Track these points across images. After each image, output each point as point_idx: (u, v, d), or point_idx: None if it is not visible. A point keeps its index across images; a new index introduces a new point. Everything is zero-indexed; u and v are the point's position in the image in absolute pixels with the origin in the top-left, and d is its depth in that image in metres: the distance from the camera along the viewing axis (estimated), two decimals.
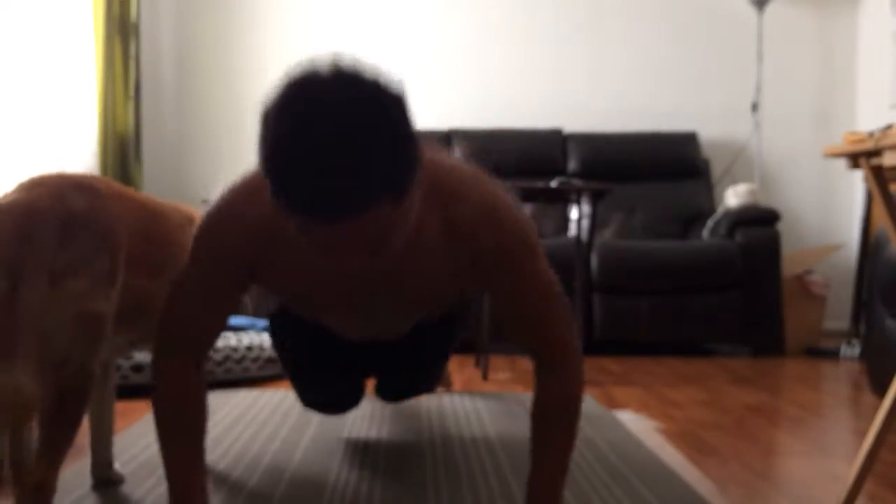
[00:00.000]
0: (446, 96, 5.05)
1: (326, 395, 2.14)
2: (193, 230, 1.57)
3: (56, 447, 1.37)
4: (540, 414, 1.43)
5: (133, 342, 1.66)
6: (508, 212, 1.33)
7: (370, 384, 3.15)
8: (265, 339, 3.35)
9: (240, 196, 1.32)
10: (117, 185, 1.53)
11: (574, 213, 4.54)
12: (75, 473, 1.94)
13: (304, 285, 1.37)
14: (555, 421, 1.43)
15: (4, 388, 1.24)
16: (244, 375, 3.22)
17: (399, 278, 1.36)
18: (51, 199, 1.36)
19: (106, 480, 1.82)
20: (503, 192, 1.36)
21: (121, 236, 1.43)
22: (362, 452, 2.18)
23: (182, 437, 1.39)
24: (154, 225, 1.57)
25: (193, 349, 1.40)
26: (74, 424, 1.39)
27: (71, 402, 1.38)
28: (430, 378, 2.23)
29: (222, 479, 1.92)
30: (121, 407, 2.71)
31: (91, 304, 1.35)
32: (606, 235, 4.60)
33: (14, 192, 1.39)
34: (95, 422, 1.81)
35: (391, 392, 2.25)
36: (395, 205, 1.06)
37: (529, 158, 4.77)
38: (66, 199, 1.37)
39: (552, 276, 1.39)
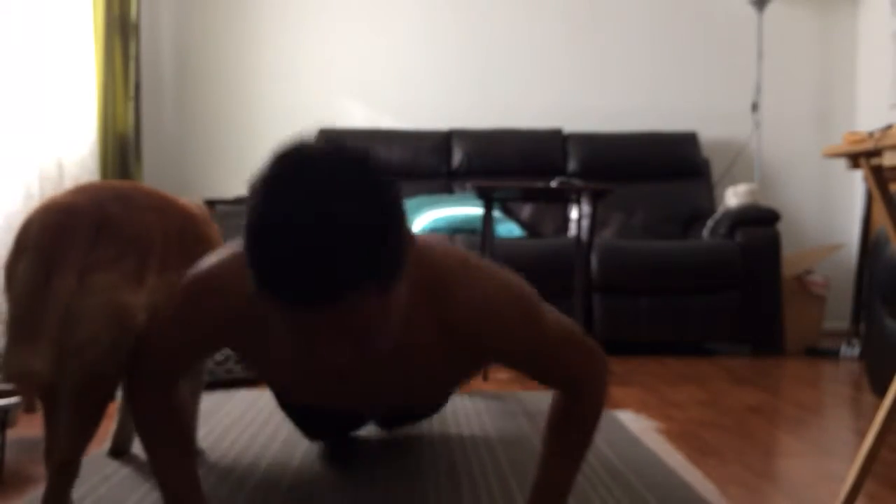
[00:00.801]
0: (446, 96, 5.05)
1: (325, 436, 2.18)
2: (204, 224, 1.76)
3: (82, 429, 1.48)
4: (556, 427, 1.42)
5: None
6: (505, 297, 1.26)
7: None
8: None
9: (227, 268, 1.28)
10: (157, 195, 1.66)
11: (574, 213, 4.54)
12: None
13: (283, 372, 1.33)
14: (572, 435, 1.42)
15: (20, 368, 1.35)
16: (244, 375, 3.22)
17: (390, 375, 1.31)
18: (90, 203, 1.51)
19: (123, 451, 2.07)
20: (489, 270, 1.29)
21: (150, 242, 1.55)
22: (362, 452, 2.18)
23: (166, 447, 1.40)
24: (189, 226, 1.70)
25: (167, 379, 1.40)
26: (100, 407, 1.49)
27: (98, 386, 1.47)
28: (432, 413, 2.27)
29: (222, 480, 1.91)
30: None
31: (118, 295, 1.47)
32: (606, 235, 4.60)
33: (62, 194, 1.54)
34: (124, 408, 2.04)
35: (390, 426, 2.29)
36: (380, 294, 1.01)
37: (529, 158, 4.76)
38: (104, 206, 1.52)
39: (558, 321, 1.35)
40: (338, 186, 0.98)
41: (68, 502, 1.52)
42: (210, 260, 1.31)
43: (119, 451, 2.08)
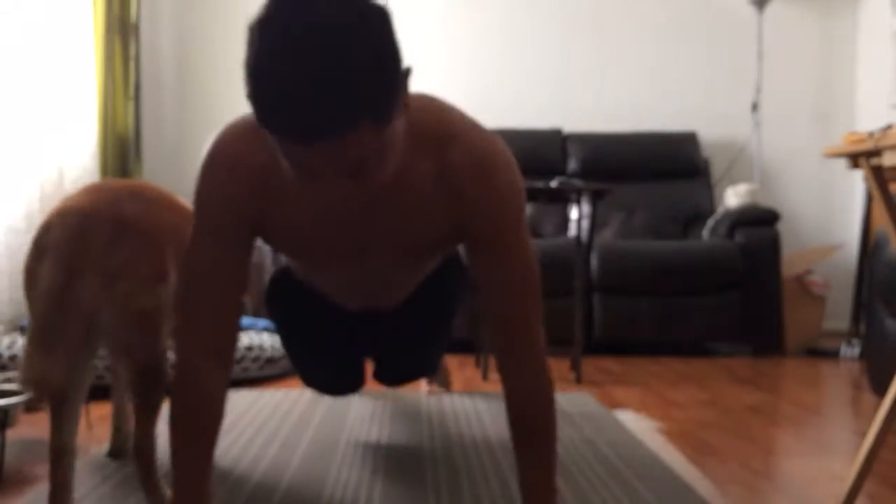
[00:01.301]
0: (446, 96, 5.05)
1: (327, 372, 2.11)
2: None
3: (145, 416, 1.61)
4: (516, 417, 1.39)
5: None
6: (502, 165, 1.31)
7: (369, 371, 3.16)
8: (265, 339, 3.35)
9: (232, 141, 1.31)
10: (166, 192, 1.71)
11: (574, 213, 4.54)
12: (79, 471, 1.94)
13: (299, 228, 1.35)
14: (532, 421, 1.38)
15: (37, 375, 1.40)
16: (244, 375, 3.22)
17: (389, 218, 1.33)
18: (106, 204, 1.53)
19: (122, 452, 2.08)
20: (500, 143, 1.34)
21: (166, 237, 1.59)
22: (362, 453, 2.18)
23: (195, 439, 1.34)
24: (189, 224, 1.74)
25: (216, 329, 1.34)
26: (157, 396, 1.61)
27: (149, 379, 1.60)
28: (427, 358, 2.17)
29: (222, 480, 1.92)
30: None
31: (138, 302, 1.52)
32: (606, 235, 4.60)
33: (77, 195, 1.57)
34: (117, 401, 2.06)
35: (390, 373, 2.21)
36: (377, 128, 1.04)
37: (529, 158, 4.76)
38: (120, 205, 1.54)
39: (532, 257, 1.36)
40: (333, 24, 1.01)
41: (70, 489, 1.57)
42: (217, 135, 1.33)
43: (118, 452, 2.10)
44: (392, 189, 1.29)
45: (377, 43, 1.03)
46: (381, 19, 1.05)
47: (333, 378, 2.15)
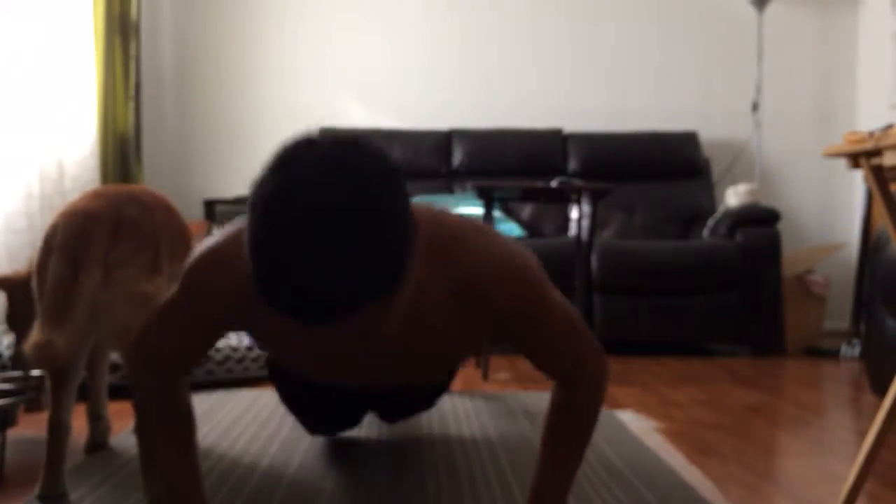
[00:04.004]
0: (446, 96, 5.05)
1: (326, 428, 2.17)
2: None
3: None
4: (555, 424, 1.42)
5: None
6: (514, 262, 1.28)
7: None
8: None
9: (231, 247, 1.27)
10: (161, 196, 1.88)
11: (574, 213, 4.54)
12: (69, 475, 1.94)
13: (292, 348, 1.32)
14: (570, 433, 1.42)
15: (42, 341, 1.58)
16: (244, 375, 3.22)
17: (404, 345, 1.31)
18: (108, 207, 1.73)
19: (101, 445, 2.17)
20: (503, 239, 1.32)
21: (161, 237, 1.77)
22: (362, 453, 2.18)
23: (169, 441, 1.38)
24: (180, 225, 1.89)
25: (171, 371, 1.38)
26: None
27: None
28: (428, 404, 2.26)
29: (222, 480, 1.92)
30: (120, 407, 2.71)
31: (137, 286, 1.70)
32: (606, 235, 4.59)
33: (81, 199, 1.77)
34: (94, 391, 2.16)
35: (391, 417, 2.28)
36: (384, 302, 1.00)
37: (529, 158, 4.76)
38: (120, 208, 1.74)
39: (564, 305, 1.36)
40: (337, 204, 0.95)
41: (64, 460, 1.75)
42: (214, 239, 1.30)
43: (96, 444, 2.17)
44: (404, 320, 1.26)
45: (386, 221, 0.97)
46: (391, 190, 0.99)
47: (334, 429, 2.21)
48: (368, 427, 2.46)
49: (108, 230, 1.70)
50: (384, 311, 1.02)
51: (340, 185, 0.96)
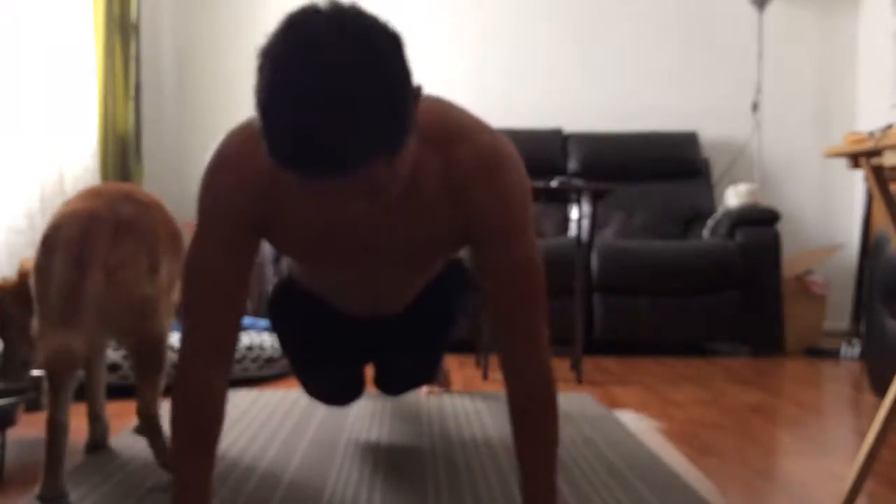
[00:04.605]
0: (447, 96, 5.04)
1: (328, 382, 2.12)
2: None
3: (149, 386, 1.86)
4: (517, 406, 1.38)
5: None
6: (508, 165, 1.31)
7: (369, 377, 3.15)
8: (265, 339, 3.35)
9: (237, 145, 1.30)
10: (153, 196, 1.92)
11: (574, 213, 4.54)
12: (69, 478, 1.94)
13: (304, 232, 1.34)
14: (534, 411, 1.38)
15: (60, 345, 1.64)
16: (244, 375, 3.22)
17: (395, 217, 1.33)
18: (106, 207, 1.75)
19: (101, 446, 2.17)
20: (506, 143, 1.33)
21: (158, 235, 1.81)
22: (362, 453, 2.18)
23: (197, 440, 1.35)
24: (172, 223, 1.94)
25: (219, 333, 1.35)
26: (158, 372, 1.87)
27: (150, 358, 1.86)
28: (428, 365, 2.20)
29: (222, 480, 1.92)
30: (120, 407, 2.71)
31: (138, 290, 1.75)
32: (606, 235, 4.59)
33: (76, 200, 1.79)
34: (91, 392, 2.16)
35: (391, 381, 2.23)
36: (388, 160, 1.05)
37: (529, 158, 4.69)
38: (118, 208, 1.76)
39: (536, 256, 1.36)
40: (343, 61, 1.00)
41: (63, 460, 1.75)
42: (223, 140, 1.32)
43: (96, 446, 2.16)
44: (403, 192, 1.28)
45: (388, 76, 1.03)
46: (392, 49, 1.05)
47: (335, 387, 2.16)
48: (369, 427, 2.46)
49: (109, 230, 1.73)
50: (390, 172, 1.06)
51: (346, 41, 1.02)
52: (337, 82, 1.00)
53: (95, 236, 1.70)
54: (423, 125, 1.24)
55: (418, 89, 1.10)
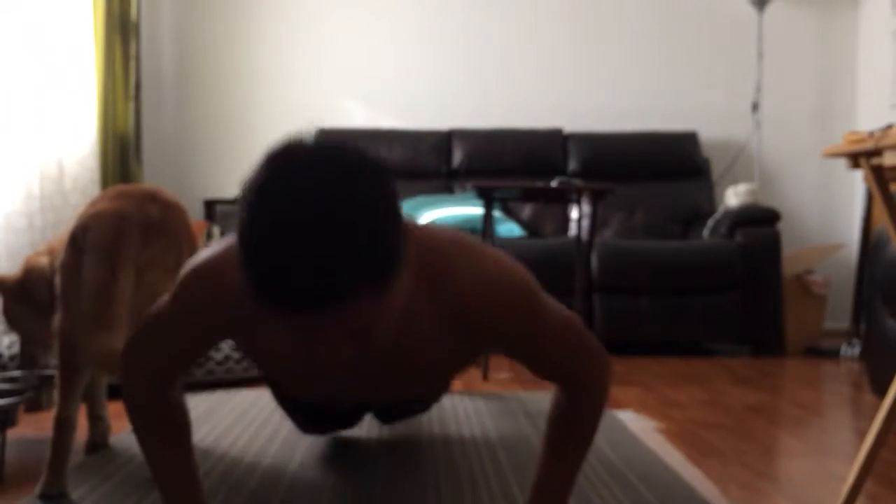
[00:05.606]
0: (446, 96, 5.05)
1: (322, 430, 2.17)
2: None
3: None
4: (556, 425, 1.41)
5: None
6: (505, 282, 1.26)
7: None
8: None
9: (223, 260, 1.26)
10: (172, 195, 1.92)
11: (574, 213, 4.54)
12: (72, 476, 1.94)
13: (283, 365, 1.31)
14: (571, 434, 1.41)
15: (107, 350, 1.65)
16: (244, 375, 3.22)
17: (390, 366, 1.30)
18: (134, 207, 1.77)
19: (101, 445, 2.18)
20: (492, 256, 1.29)
21: (182, 235, 1.85)
22: (362, 453, 2.18)
23: (164, 447, 1.38)
24: (190, 226, 1.95)
25: (162, 378, 1.37)
26: None
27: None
28: (428, 403, 2.25)
29: (222, 480, 1.92)
30: (120, 407, 2.71)
31: (164, 290, 1.76)
32: (606, 235, 4.59)
33: (102, 200, 1.82)
34: (92, 391, 2.17)
35: (388, 418, 2.28)
36: (376, 296, 0.99)
37: (529, 158, 4.76)
38: (146, 208, 1.78)
39: (561, 314, 1.35)
40: (328, 191, 0.97)
41: (69, 456, 1.77)
42: (207, 253, 1.29)
43: (96, 445, 2.17)
44: (394, 337, 1.25)
45: (373, 209, 0.98)
46: (379, 183, 1.01)
47: (330, 430, 2.20)
48: (368, 427, 2.46)
49: (139, 231, 1.76)
50: (379, 310, 1.01)
51: (332, 174, 0.98)
52: (320, 212, 0.96)
53: (126, 237, 1.73)
54: (411, 265, 1.21)
55: (406, 227, 1.06)
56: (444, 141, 4.83)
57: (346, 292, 0.96)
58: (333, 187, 0.97)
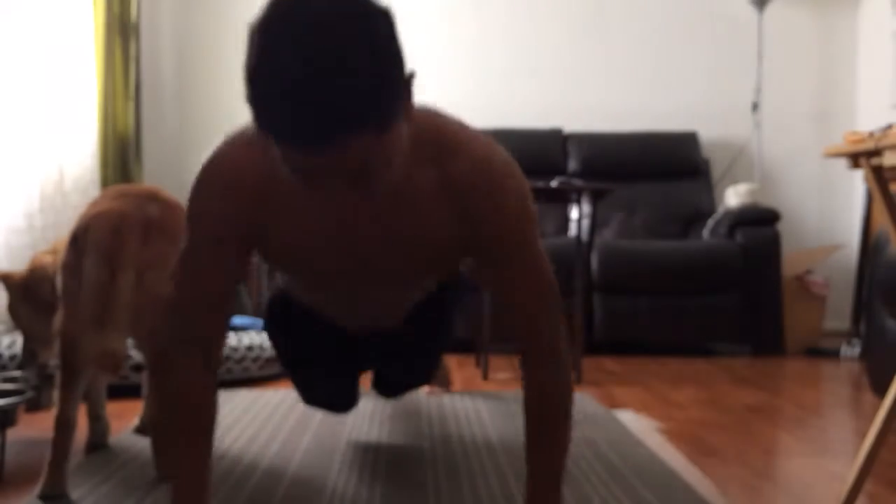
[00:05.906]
0: (447, 96, 5.05)
1: (325, 391, 2.11)
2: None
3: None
4: (533, 412, 1.40)
5: None
6: (506, 173, 1.29)
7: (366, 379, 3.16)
8: (265, 339, 3.35)
9: (232, 151, 1.29)
10: (174, 196, 1.92)
11: (574, 213, 4.54)
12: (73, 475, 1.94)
13: (300, 243, 1.32)
14: (548, 418, 1.39)
15: (98, 350, 1.65)
16: (244, 375, 3.22)
17: (392, 230, 1.31)
18: (134, 207, 1.77)
19: (101, 445, 2.18)
20: (501, 151, 1.32)
21: (181, 235, 1.77)
22: (362, 453, 2.18)
23: (188, 435, 1.35)
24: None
25: (204, 331, 1.35)
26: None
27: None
28: (425, 369, 2.18)
29: (222, 480, 1.92)
30: (120, 407, 2.71)
31: (165, 290, 1.72)
32: (606, 235, 4.59)
33: (103, 200, 1.81)
34: (92, 391, 2.16)
35: (388, 385, 2.23)
36: (378, 133, 1.03)
37: (529, 158, 4.76)
38: (146, 208, 1.78)
39: (544, 263, 1.35)
40: (334, 28, 0.99)
41: (69, 457, 1.77)
42: (219, 145, 1.32)
43: (96, 446, 2.17)
44: (394, 200, 1.27)
45: (379, 46, 1.01)
46: (384, 22, 1.03)
47: (333, 397, 2.16)
48: (369, 426, 2.46)
49: (140, 231, 1.75)
50: (380, 150, 1.04)
51: (338, 9, 1.01)
52: (330, 44, 0.98)
53: (126, 237, 1.73)
54: (416, 136, 1.23)
55: (412, 74, 1.09)
56: None
57: (348, 125, 1.00)
58: (341, 23, 1.00)
